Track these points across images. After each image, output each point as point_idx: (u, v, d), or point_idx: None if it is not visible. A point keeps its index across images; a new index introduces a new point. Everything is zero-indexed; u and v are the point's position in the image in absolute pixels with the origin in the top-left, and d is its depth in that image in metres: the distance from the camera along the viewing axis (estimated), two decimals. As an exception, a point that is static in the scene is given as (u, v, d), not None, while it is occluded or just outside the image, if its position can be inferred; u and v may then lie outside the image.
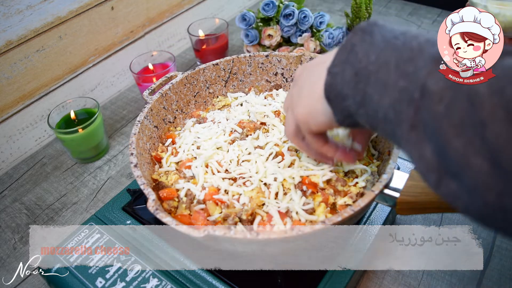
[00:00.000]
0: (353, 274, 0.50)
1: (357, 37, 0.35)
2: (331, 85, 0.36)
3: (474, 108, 0.26)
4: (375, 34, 0.34)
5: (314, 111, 0.40)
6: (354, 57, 0.34)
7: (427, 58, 0.30)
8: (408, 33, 0.33)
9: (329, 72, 0.36)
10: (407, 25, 1.12)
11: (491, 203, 0.26)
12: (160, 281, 0.50)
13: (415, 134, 0.30)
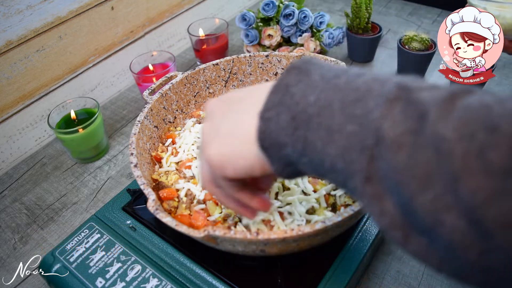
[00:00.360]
0: (353, 274, 0.50)
1: (291, 76, 0.30)
2: (265, 133, 0.31)
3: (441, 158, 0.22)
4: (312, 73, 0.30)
5: (233, 154, 0.34)
6: (290, 99, 0.29)
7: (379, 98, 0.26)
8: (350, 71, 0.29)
9: (262, 117, 0.31)
10: (407, 25, 1.12)
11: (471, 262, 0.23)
12: (160, 281, 0.50)
13: (372, 187, 0.26)
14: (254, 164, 0.34)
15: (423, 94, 0.25)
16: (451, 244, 0.23)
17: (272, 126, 0.30)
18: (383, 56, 1.01)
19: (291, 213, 0.49)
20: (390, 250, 0.59)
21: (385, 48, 1.04)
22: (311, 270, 0.51)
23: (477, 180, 0.21)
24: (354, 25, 0.94)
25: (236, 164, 0.34)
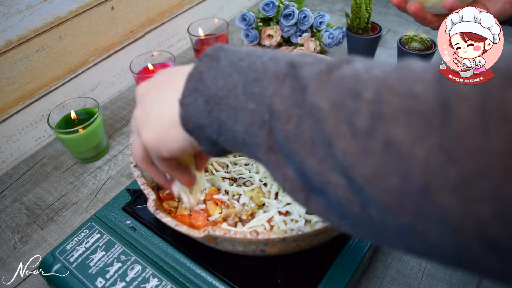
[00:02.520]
0: (353, 274, 0.50)
1: (203, 64, 0.33)
2: (186, 117, 0.34)
3: (319, 125, 0.26)
4: (221, 59, 0.33)
5: (165, 138, 0.37)
6: (203, 85, 0.33)
7: (270, 77, 0.29)
8: (252, 54, 0.32)
9: (181, 104, 0.34)
10: (407, 25, 1.12)
11: (358, 215, 0.26)
12: (160, 281, 0.50)
13: (274, 157, 0.29)
14: (185, 145, 0.37)
15: (306, 69, 0.28)
16: (339, 200, 0.26)
17: (191, 111, 0.33)
18: (383, 56, 1.01)
19: (291, 213, 0.49)
20: (390, 250, 0.59)
21: (385, 48, 1.04)
22: (311, 270, 0.51)
23: (346, 142, 0.24)
24: (354, 25, 0.94)
25: (169, 146, 0.38)
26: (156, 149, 0.38)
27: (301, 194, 0.29)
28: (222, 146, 0.34)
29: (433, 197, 0.22)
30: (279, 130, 0.28)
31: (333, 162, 0.25)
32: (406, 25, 1.12)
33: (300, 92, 0.27)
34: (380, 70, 0.25)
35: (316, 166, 0.26)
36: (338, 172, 0.25)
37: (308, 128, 0.26)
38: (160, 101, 0.38)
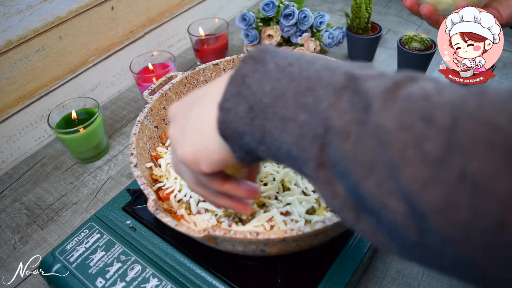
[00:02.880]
0: (353, 274, 0.50)
1: (248, 67, 0.31)
2: (225, 123, 0.32)
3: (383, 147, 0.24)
4: (267, 63, 0.31)
5: (204, 149, 0.35)
6: (247, 89, 0.30)
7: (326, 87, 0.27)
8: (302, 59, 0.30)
9: (221, 108, 0.32)
10: (407, 25, 1.12)
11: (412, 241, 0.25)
12: (160, 281, 0.50)
13: (324, 173, 0.28)
14: (225, 155, 0.34)
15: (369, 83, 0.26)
16: (394, 225, 0.25)
17: (232, 116, 0.31)
18: (383, 56, 1.01)
19: (291, 213, 0.49)
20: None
21: (385, 48, 1.04)
22: (311, 270, 0.51)
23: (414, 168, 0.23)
24: (354, 25, 0.94)
25: (208, 158, 0.35)
26: (195, 165, 0.36)
27: (351, 214, 0.28)
28: (259, 155, 0.33)
29: (507, 234, 0.20)
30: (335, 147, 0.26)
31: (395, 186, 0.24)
32: (406, 25, 1.12)
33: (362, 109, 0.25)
34: (453, 94, 0.24)
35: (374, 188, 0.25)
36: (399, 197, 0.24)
37: (370, 148, 0.25)
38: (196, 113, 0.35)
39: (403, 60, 0.92)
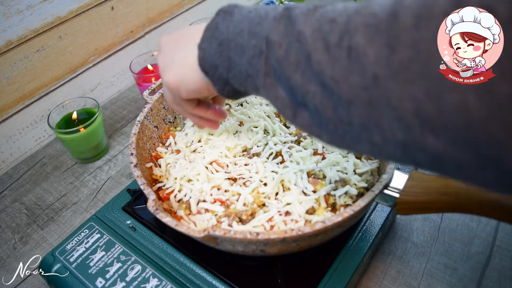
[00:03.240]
0: (353, 274, 0.50)
1: (219, 17, 0.40)
2: (204, 59, 0.41)
3: (302, 45, 0.32)
4: (234, 13, 0.40)
5: (185, 80, 0.45)
6: (218, 32, 0.40)
7: (270, 19, 0.35)
8: (260, 8, 0.38)
9: (200, 48, 0.41)
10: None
11: (330, 118, 0.32)
12: (160, 281, 0.50)
13: (269, 80, 0.36)
14: (201, 86, 0.44)
15: (297, 10, 0.34)
16: (317, 108, 0.32)
17: (207, 53, 0.41)
18: (383, 56, 1.01)
19: (291, 213, 0.49)
20: (390, 250, 0.59)
21: (385, 48, 1.03)
22: (311, 270, 0.51)
23: (320, 54, 0.30)
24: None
25: (187, 87, 0.45)
26: (176, 90, 0.46)
27: (290, 111, 0.35)
28: (232, 84, 0.41)
29: (380, 85, 0.27)
30: (273, 56, 0.34)
31: (311, 73, 0.31)
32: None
33: (290, 25, 0.33)
34: (355, 5, 0.30)
35: (299, 79, 0.32)
36: (314, 81, 0.31)
37: (295, 50, 0.32)
38: (182, 48, 0.45)
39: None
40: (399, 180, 0.48)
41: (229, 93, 0.43)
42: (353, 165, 0.53)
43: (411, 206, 0.47)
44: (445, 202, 0.45)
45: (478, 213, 0.44)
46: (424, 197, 0.46)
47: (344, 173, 0.53)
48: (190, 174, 0.54)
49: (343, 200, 0.50)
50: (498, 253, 0.57)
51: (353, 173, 0.53)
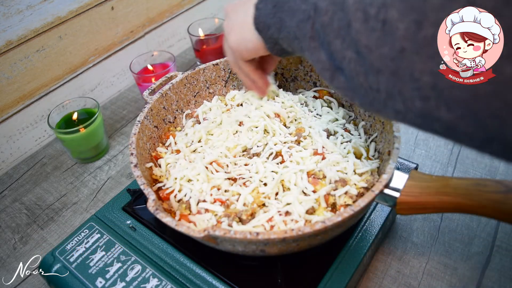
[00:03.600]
0: (353, 274, 0.50)
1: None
2: (258, 18, 0.46)
3: (345, 14, 0.34)
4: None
5: (244, 39, 0.50)
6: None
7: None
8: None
9: (256, 7, 0.46)
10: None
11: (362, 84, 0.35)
12: (160, 281, 0.50)
13: (313, 43, 0.39)
14: (258, 45, 0.49)
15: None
16: (351, 73, 0.35)
17: (262, 13, 0.45)
18: (383, 56, 1.01)
19: (291, 213, 0.49)
20: (390, 250, 0.59)
21: (385, 48, 1.03)
22: (311, 270, 0.51)
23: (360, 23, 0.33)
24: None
25: (246, 46, 0.50)
26: (238, 51, 0.52)
27: (328, 73, 0.38)
28: (281, 44, 0.46)
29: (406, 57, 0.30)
30: (318, 21, 0.37)
31: (349, 40, 0.34)
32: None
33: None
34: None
35: (339, 45, 0.35)
36: (352, 48, 0.34)
37: (338, 18, 0.35)
38: (243, 12, 0.49)
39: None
40: (399, 180, 0.48)
41: (278, 51, 0.48)
42: (353, 165, 0.53)
43: (411, 206, 0.47)
44: (445, 202, 0.45)
45: (478, 213, 0.44)
46: (424, 197, 0.46)
47: (344, 173, 0.53)
48: (190, 174, 0.54)
49: (343, 200, 0.50)
50: (498, 253, 0.57)
51: (353, 173, 0.53)
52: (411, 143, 0.76)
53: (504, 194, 0.43)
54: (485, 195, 0.43)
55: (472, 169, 0.70)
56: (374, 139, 0.59)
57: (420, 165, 0.71)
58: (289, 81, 0.71)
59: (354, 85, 0.36)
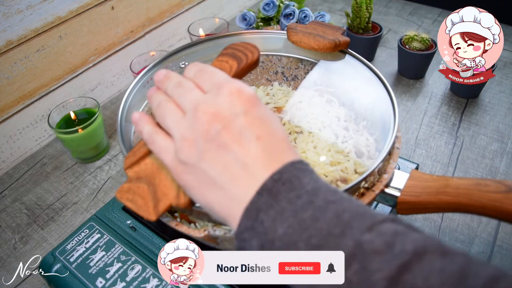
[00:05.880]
0: (353, 274, 0.50)
1: (262, 199, 0.31)
2: (241, 248, 0.33)
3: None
4: (280, 199, 0.31)
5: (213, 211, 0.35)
6: (260, 225, 0.31)
7: (333, 249, 0.29)
8: (316, 202, 0.30)
9: (237, 237, 0.32)
10: (407, 25, 1.12)
11: None
12: (160, 281, 0.50)
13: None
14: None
15: (375, 263, 0.27)
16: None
17: (246, 246, 0.32)
18: (384, 56, 1.01)
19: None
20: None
21: (386, 48, 1.04)
22: (311, 270, 0.51)
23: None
24: (355, 25, 0.94)
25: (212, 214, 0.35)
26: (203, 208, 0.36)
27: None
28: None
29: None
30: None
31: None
32: (406, 25, 1.12)
33: (366, 284, 0.27)
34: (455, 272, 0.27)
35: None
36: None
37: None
38: (217, 192, 0.33)
39: (404, 60, 0.92)
40: (399, 179, 0.48)
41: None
42: (353, 165, 0.53)
43: (411, 206, 0.47)
44: (446, 202, 0.45)
45: (479, 213, 0.44)
46: (424, 197, 0.46)
47: (345, 172, 0.52)
48: None
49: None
50: (499, 253, 0.57)
51: (354, 173, 0.52)
52: (411, 143, 0.76)
53: (505, 194, 0.43)
54: (486, 195, 0.43)
55: (472, 169, 0.70)
56: (375, 139, 0.59)
57: (420, 165, 0.71)
58: (289, 79, 0.71)
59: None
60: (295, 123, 0.61)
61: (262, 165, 0.32)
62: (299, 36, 0.59)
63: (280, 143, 0.34)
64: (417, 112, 0.83)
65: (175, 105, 0.36)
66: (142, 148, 0.41)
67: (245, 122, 0.33)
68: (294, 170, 0.32)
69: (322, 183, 0.32)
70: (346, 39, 0.59)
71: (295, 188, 0.31)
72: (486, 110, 0.83)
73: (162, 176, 0.39)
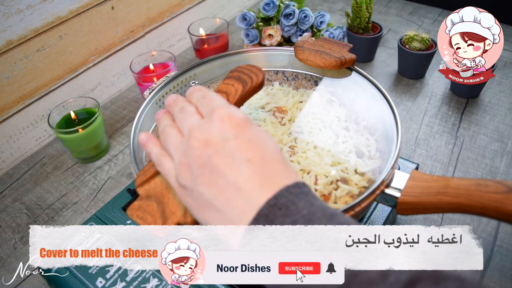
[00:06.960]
0: (353, 274, 0.50)
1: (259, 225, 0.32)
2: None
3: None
4: (277, 225, 0.31)
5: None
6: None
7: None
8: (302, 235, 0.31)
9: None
10: (407, 25, 1.12)
11: None
12: (160, 281, 0.50)
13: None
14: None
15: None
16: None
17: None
18: (384, 56, 1.01)
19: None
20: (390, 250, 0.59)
21: (386, 48, 1.03)
22: (311, 270, 0.51)
23: None
24: (355, 25, 0.94)
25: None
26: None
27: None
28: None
29: None
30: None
31: None
32: (406, 25, 1.12)
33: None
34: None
35: None
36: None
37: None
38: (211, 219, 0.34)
39: (404, 60, 0.92)
40: (400, 180, 0.48)
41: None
42: (354, 165, 0.53)
43: (412, 206, 0.47)
44: (446, 202, 0.45)
45: (479, 213, 0.44)
46: (425, 197, 0.46)
47: (345, 172, 0.52)
48: None
49: (343, 200, 0.50)
50: (499, 253, 0.57)
51: (354, 173, 0.52)
52: (411, 143, 0.76)
53: (505, 194, 0.43)
54: (486, 195, 0.43)
55: (472, 169, 0.70)
56: (375, 139, 0.59)
57: (420, 165, 0.71)
58: (290, 79, 0.71)
59: None
60: (295, 123, 0.61)
61: (254, 188, 0.32)
62: (305, 54, 0.61)
63: (273, 165, 0.34)
64: (417, 112, 0.83)
65: (177, 130, 0.38)
66: (152, 168, 0.44)
67: (236, 146, 0.33)
68: (290, 195, 0.32)
69: (317, 207, 0.32)
70: (352, 57, 0.59)
71: (291, 213, 0.31)
72: (486, 110, 0.82)
73: (170, 195, 0.41)
